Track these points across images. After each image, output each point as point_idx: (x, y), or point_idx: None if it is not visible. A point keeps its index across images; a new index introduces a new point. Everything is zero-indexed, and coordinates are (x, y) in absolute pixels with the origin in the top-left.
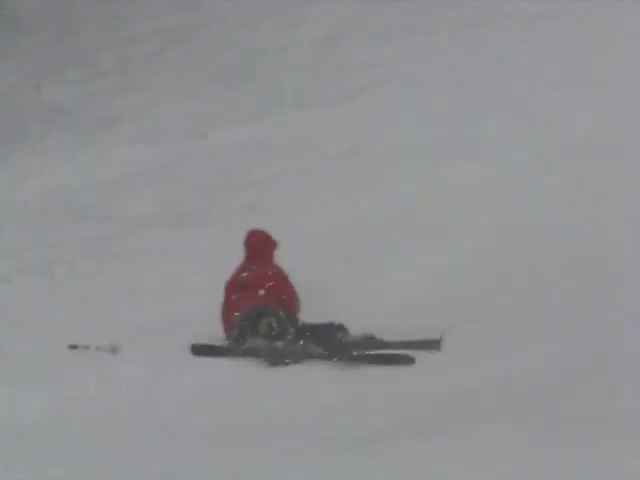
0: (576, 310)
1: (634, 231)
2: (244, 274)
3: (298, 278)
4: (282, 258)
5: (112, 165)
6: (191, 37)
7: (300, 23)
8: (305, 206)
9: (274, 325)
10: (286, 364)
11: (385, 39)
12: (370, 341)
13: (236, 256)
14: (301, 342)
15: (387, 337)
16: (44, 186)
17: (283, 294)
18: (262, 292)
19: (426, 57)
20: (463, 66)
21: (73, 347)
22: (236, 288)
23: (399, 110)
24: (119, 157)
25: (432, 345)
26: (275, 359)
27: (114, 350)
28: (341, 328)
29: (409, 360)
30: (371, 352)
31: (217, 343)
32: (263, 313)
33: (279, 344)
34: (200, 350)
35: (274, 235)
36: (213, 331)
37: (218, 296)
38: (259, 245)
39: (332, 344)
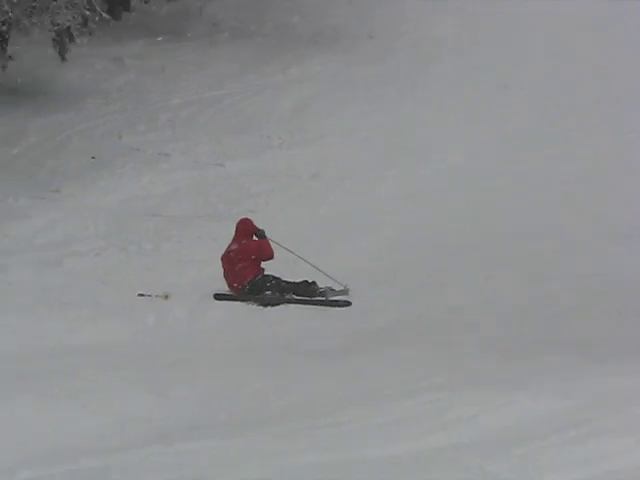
0: (448, 276)
1: (484, 220)
2: (230, 252)
3: (281, 253)
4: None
5: (166, 183)
6: (215, 105)
7: (281, 97)
8: (286, 210)
9: (268, 284)
10: (273, 305)
11: (334, 107)
12: (334, 292)
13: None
14: (280, 291)
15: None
16: (122, 197)
17: (255, 255)
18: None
19: (359, 118)
20: (382, 124)
21: (141, 295)
22: (227, 260)
23: (344, 150)
24: (170, 179)
25: (342, 293)
26: (266, 302)
27: (166, 297)
28: (314, 283)
29: (348, 303)
30: (329, 297)
31: (230, 293)
32: (260, 282)
33: (268, 293)
34: (220, 297)
35: (261, 225)
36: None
37: None
38: (239, 229)
39: (312, 293)
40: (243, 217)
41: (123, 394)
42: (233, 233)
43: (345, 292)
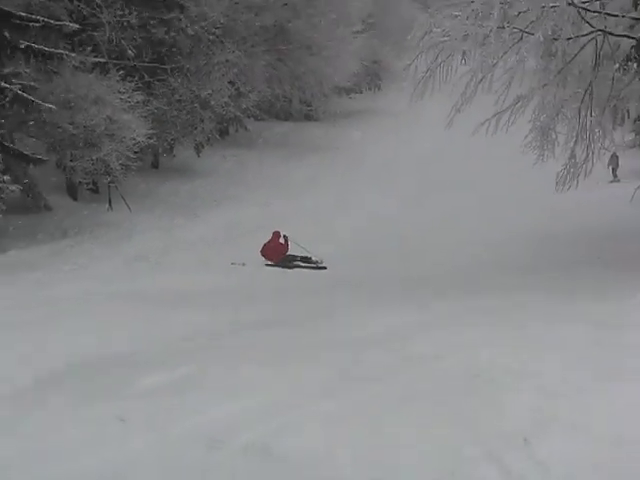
0: (381, 258)
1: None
2: (270, 242)
3: (297, 243)
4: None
5: (245, 212)
6: (268, 178)
7: (299, 173)
8: (299, 225)
9: (290, 258)
10: (291, 268)
11: (323, 179)
12: (319, 262)
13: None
14: (295, 262)
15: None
16: (226, 218)
17: (279, 250)
18: (280, 249)
19: (334, 184)
20: (344, 188)
21: (232, 264)
22: (265, 249)
23: (327, 196)
24: (247, 210)
25: (322, 263)
26: (288, 267)
27: (244, 265)
28: (310, 258)
29: (325, 268)
30: (319, 265)
31: (270, 263)
32: (287, 257)
33: (288, 262)
34: (268, 265)
35: (284, 232)
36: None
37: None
38: (274, 235)
39: (310, 262)
40: (276, 229)
41: (218, 308)
42: (271, 235)
43: (322, 262)
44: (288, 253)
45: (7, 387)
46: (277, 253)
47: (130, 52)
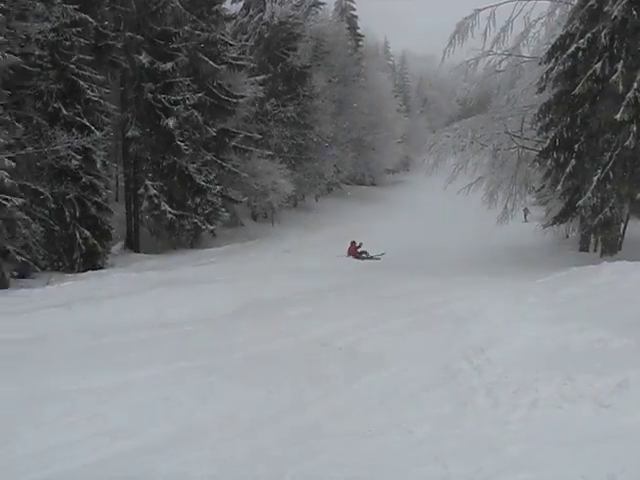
0: (413, 260)
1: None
2: (349, 247)
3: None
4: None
5: (310, 238)
6: (315, 228)
7: (325, 217)
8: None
9: (363, 254)
10: (362, 259)
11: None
12: (375, 255)
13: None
14: (363, 255)
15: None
16: (296, 241)
17: (354, 251)
18: (354, 251)
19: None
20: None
21: (337, 256)
22: (350, 249)
23: (339, 231)
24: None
25: (379, 257)
26: (360, 258)
27: (338, 256)
28: (365, 252)
29: (379, 259)
30: (375, 257)
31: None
32: (361, 253)
33: (358, 256)
34: (339, 257)
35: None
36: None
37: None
38: (350, 243)
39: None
40: (352, 239)
41: (325, 277)
42: (349, 244)
43: (379, 257)
44: (360, 250)
45: (221, 313)
46: (354, 252)
47: (285, 149)
